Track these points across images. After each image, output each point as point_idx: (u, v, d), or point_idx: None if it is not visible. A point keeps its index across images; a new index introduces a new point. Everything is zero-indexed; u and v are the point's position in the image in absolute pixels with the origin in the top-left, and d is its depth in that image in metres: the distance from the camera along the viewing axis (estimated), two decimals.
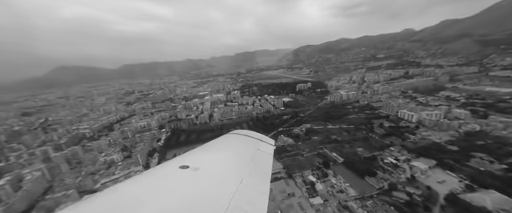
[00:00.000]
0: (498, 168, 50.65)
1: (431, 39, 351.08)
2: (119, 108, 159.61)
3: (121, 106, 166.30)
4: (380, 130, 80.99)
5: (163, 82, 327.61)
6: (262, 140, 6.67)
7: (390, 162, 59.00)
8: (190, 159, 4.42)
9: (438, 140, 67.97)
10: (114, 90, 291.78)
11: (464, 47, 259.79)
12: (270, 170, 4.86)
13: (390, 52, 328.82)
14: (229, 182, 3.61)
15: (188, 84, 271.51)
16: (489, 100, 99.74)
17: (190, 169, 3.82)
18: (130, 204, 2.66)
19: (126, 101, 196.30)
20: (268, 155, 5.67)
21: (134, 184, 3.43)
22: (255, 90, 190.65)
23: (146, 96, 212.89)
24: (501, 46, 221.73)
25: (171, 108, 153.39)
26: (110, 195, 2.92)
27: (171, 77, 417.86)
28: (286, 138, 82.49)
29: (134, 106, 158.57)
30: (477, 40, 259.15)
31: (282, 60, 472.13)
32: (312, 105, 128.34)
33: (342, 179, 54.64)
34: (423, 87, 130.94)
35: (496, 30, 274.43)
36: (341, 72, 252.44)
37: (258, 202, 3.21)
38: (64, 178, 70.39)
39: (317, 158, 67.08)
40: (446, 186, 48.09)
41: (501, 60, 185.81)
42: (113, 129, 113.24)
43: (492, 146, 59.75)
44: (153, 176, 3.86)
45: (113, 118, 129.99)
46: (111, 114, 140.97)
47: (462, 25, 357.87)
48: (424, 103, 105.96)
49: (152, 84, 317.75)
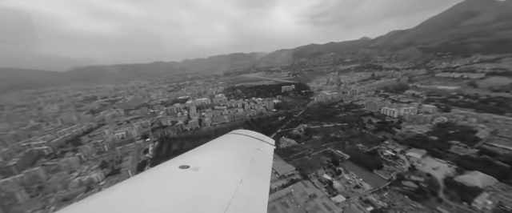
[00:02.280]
0: (472, 152, 60.76)
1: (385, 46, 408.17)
2: (83, 117, 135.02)
3: (84, 115, 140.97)
4: (370, 126, 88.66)
5: (131, 87, 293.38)
6: (262, 140, 6.74)
7: (389, 154, 64.70)
8: (190, 159, 4.38)
9: (420, 132, 78.11)
10: (66, 96, 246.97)
11: (411, 53, 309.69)
12: (270, 170, 4.81)
13: (355, 57, 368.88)
14: (229, 182, 3.58)
15: (163, 88, 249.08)
16: (443, 96, 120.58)
17: (190, 169, 3.75)
18: (130, 204, 2.66)
19: (88, 108, 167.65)
20: (268, 155, 5.68)
21: (133, 184, 3.35)
22: (240, 93, 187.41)
23: (114, 102, 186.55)
24: (437, 53, 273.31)
25: (150, 115, 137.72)
26: (110, 195, 2.87)
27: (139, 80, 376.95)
28: (288, 140, 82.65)
29: (103, 115, 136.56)
30: (420, 48, 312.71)
31: (259, 63, 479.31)
32: (301, 106, 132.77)
33: (354, 175, 57.18)
34: (392, 87, 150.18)
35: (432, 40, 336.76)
36: (316, 75, 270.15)
37: (258, 202, 3.22)
38: (23, 210, 54.68)
39: (323, 156, 68.92)
40: (441, 171, 55.12)
41: (439, 64, 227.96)
42: (80, 142, 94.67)
43: (461, 135, 71.66)
44: (153, 176, 3.75)
45: (77, 130, 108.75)
46: (73, 124, 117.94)
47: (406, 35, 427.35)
48: (396, 100, 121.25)
49: (117, 89, 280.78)
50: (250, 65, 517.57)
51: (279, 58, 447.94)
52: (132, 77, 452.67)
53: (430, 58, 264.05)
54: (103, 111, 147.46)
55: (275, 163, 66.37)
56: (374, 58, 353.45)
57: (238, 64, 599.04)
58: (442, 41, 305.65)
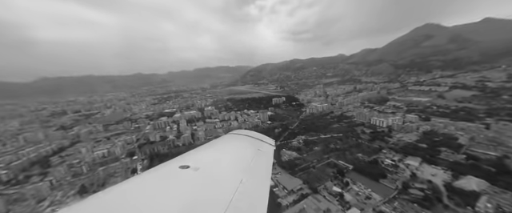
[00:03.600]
0: (460, 158, 65.99)
1: (361, 62, 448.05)
2: (52, 135, 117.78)
3: (53, 132, 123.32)
4: (364, 135, 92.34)
5: (108, 99, 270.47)
6: (263, 140, 6.73)
7: (389, 163, 67.01)
8: (190, 159, 4.39)
9: (409, 140, 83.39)
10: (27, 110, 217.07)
11: (384, 69, 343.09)
12: (270, 170, 4.86)
13: (336, 71, 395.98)
14: (229, 182, 3.61)
15: (146, 101, 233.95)
16: (419, 107, 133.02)
17: (190, 169, 3.77)
18: (130, 204, 2.68)
19: (57, 124, 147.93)
20: (268, 155, 5.73)
21: (133, 184, 3.37)
22: (231, 106, 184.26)
23: (89, 117, 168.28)
24: (406, 69, 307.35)
25: (134, 130, 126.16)
26: (110, 195, 2.90)
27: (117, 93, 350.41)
28: (289, 152, 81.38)
29: (77, 131, 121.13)
30: (391, 64, 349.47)
31: (246, 76, 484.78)
32: (294, 117, 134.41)
33: (362, 186, 57.32)
34: (374, 99, 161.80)
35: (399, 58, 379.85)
36: (302, 87, 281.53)
37: (258, 202, 3.26)
38: None
39: (328, 167, 68.67)
40: (439, 178, 58.23)
41: (408, 78, 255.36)
42: (50, 164, 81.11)
43: (445, 142, 78.12)
44: (153, 176, 3.76)
45: (46, 149, 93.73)
46: (40, 143, 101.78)
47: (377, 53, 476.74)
48: (381, 111, 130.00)
49: (91, 102, 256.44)
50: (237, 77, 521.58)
51: (265, 72, 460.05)
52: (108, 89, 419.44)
53: (400, 73, 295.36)
54: (77, 127, 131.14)
55: (281, 178, 63.93)
56: (352, 72, 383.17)
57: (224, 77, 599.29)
58: (409, 58, 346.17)
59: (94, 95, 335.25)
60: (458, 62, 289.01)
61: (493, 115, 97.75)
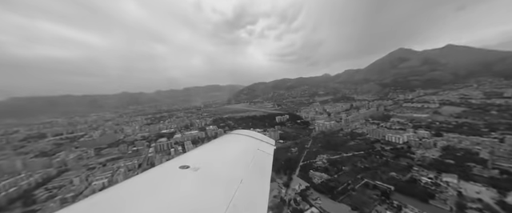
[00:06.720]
0: (495, 173, 65.99)
1: (348, 81, 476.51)
2: (31, 163, 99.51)
3: (32, 160, 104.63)
4: (386, 153, 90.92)
5: (93, 120, 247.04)
6: (263, 140, 6.65)
7: (428, 181, 64.57)
8: (190, 159, 4.34)
9: (433, 156, 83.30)
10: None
11: (371, 88, 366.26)
12: (270, 170, 4.79)
13: (326, 90, 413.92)
14: (229, 182, 3.60)
15: (137, 121, 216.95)
16: (422, 123, 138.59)
17: (190, 169, 3.76)
18: (129, 204, 2.69)
19: (34, 150, 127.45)
20: (268, 155, 5.69)
21: (133, 184, 3.34)
22: (233, 124, 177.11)
23: (75, 140, 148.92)
24: (392, 87, 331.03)
25: (133, 153, 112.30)
26: (110, 195, 2.89)
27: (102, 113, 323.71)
28: (318, 173, 75.97)
29: (63, 157, 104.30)
30: (377, 83, 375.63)
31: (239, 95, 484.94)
32: (305, 135, 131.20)
33: (415, 209, 53.11)
34: (377, 116, 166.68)
35: (382, 77, 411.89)
36: (299, 105, 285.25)
37: (258, 202, 3.30)
38: None
39: (366, 189, 64.11)
40: (485, 195, 56.46)
41: (396, 96, 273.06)
42: (35, 200, 65.80)
43: (468, 157, 79.09)
44: (152, 176, 3.71)
45: (27, 182, 77.22)
46: (18, 174, 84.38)
47: (361, 73, 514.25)
48: (388, 128, 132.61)
49: (73, 123, 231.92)
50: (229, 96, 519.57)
51: (259, 90, 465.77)
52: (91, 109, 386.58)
53: (387, 92, 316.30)
54: (62, 152, 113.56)
55: (324, 204, 57.68)
56: (342, 90, 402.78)
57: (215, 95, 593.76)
58: (391, 78, 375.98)
59: (74, 116, 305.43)
60: (434, 82, 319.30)
61: (495, 129, 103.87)
